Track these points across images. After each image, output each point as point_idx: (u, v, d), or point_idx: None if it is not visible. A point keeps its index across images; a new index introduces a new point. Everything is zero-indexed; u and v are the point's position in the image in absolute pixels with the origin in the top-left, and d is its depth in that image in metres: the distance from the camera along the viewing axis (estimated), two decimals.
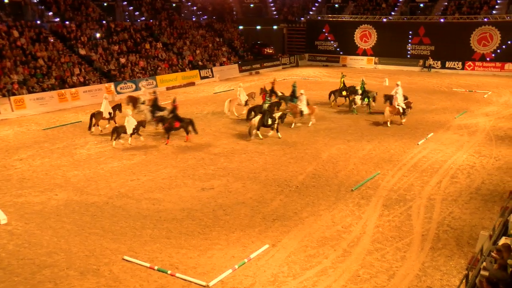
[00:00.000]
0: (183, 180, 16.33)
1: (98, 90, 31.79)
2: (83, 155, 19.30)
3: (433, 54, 46.93)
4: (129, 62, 36.34)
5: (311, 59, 54.54)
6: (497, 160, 18.30)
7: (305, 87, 36.52)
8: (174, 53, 40.83)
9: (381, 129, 23.14)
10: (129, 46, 38.19)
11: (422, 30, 47.80)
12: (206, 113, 27.25)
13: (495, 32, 44.23)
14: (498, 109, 27.88)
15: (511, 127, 23.55)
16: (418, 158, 18.58)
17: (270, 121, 21.35)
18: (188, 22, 47.23)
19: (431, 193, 14.93)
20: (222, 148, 20.16)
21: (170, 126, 21.13)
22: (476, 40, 45.18)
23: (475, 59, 45.28)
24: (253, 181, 16.12)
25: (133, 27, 40.89)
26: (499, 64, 43.93)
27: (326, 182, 15.98)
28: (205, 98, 32.46)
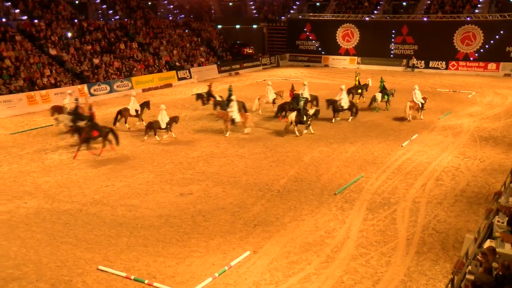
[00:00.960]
0: (161, 185, 16.22)
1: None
2: (54, 161, 19.03)
3: (416, 54, 47.59)
4: (103, 62, 36.00)
5: (292, 59, 54.81)
6: (481, 161, 18.62)
7: (287, 88, 36.70)
8: (150, 53, 40.60)
9: (364, 131, 23.34)
10: (103, 46, 37.84)
11: (405, 29, 48.44)
12: (184, 115, 27.13)
13: (478, 32, 45.07)
14: (482, 110, 28.39)
15: (495, 127, 24.00)
16: (402, 160, 18.79)
17: (305, 117, 22.51)
18: (164, 21, 47.02)
19: (416, 196, 15.11)
20: (201, 151, 20.09)
21: (88, 136, 19.46)
22: (459, 39, 45.97)
23: (459, 59, 46.06)
24: (233, 186, 16.09)
25: (107, 26, 40.54)
26: (483, 64, 44.79)
27: (309, 186, 16.05)
28: (183, 100, 32.35)
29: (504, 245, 9.52)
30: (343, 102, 24.96)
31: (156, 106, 25.24)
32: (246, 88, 37.23)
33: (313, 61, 53.44)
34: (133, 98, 24.36)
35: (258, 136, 22.57)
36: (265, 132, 23.27)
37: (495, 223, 10.68)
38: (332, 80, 39.99)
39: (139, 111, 24.35)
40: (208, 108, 28.21)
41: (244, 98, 32.06)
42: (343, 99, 25.02)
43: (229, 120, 22.51)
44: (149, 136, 21.92)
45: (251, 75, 45.52)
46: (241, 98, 31.54)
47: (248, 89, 36.65)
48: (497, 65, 44.04)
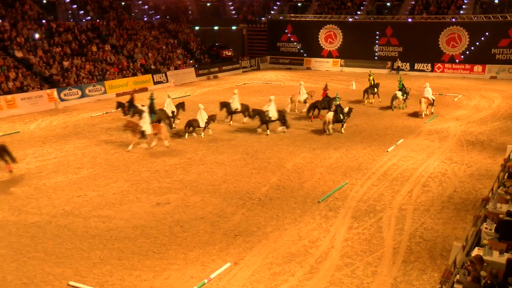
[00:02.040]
0: (136, 194, 16.09)
1: (39, 97, 30.98)
2: (21, 170, 18.73)
3: (401, 56, 48.19)
4: (73, 66, 35.63)
5: (273, 61, 55.05)
6: (468, 166, 18.89)
7: (267, 92, 36.80)
8: (124, 56, 40.36)
9: (349, 136, 23.51)
10: (74, 48, 37.47)
11: (390, 30, 49.06)
12: (160, 121, 26.95)
13: (463, 33, 45.88)
14: (468, 113, 28.84)
15: (482, 131, 24.39)
16: (388, 166, 18.96)
17: (341, 116, 23.89)
18: (139, 23, 46.83)
19: (402, 203, 15.25)
20: (179, 159, 20.00)
21: None
22: (444, 41, 46.72)
23: (444, 61, 46.80)
24: (212, 194, 16.04)
25: (78, 27, 40.17)
26: (468, 66, 45.58)
27: (291, 194, 16.08)
28: (159, 105, 32.09)
29: (492, 253, 9.65)
30: (270, 113, 23.82)
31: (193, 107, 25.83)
32: (225, 92, 37.20)
33: (295, 63, 53.75)
34: (168, 99, 25.43)
35: (238, 142, 22.57)
36: (245, 137, 23.28)
37: (483, 230, 10.84)
38: (314, 83, 40.17)
39: (175, 112, 25.47)
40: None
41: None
42: (271, 110, 23.90)
43: (139, 132, 21.08)
44: (189, 134, 23.27)
45: (231, 78, 45.55)
46: None
47: (227, 93, 36.60)
48: (483, 68, 44.86)
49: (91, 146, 21.92)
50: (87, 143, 22.46)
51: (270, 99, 24.41)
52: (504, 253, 9.67)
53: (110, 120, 27.16)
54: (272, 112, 23.90)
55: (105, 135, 24.00)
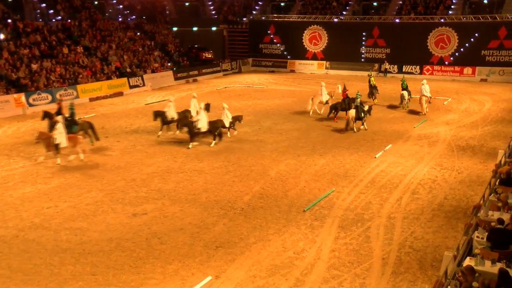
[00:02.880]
0: (111, 205, 15.96)
1: (5, 102, 30.56)
2: None
3: (388, 58, 48.68)
4: (43, 68, 35.30)
5: (255, 64, 55.18)
6: (459, 172, 19.11)
7: (249, 96, 36.88)
8: (98, 58, 40.11)
9: (335, 142, 23.63)
10: (43, 50, 37.12)
11: (377, 31, 49.54)
12: (137, 127, 26.87)
13: (452, 34, 46.54)
14: (458, 117, 29.21)
15: (473, 136, 24.71)
16: (375, 172, 19.09)
17: (362, 114, 25.39)
18: (113, 23, 46.62)
19: (391, 211, 15.35)
20: (156, 166, 19.90)
21: None
22: (433, 42, 47.32)
23: (433, 63, 47.37)
24: (192, 204, 15.98)
25: (47, 28, 39.81)
26: (458, 68, 46.21)
27: (275, 203, 16.08)
28: (136, 110, 32.04)
29: (484, 263, 9.73)
30: (199, 124, 22.68)
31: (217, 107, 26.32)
32: (206, 96, 37.15)
33: (278, 66, 53.94)
34: (194, 100, 26.20)
35: (219, 149, 22.53)
36: (227, 144, 23.25)
37: (475, 239, 10.94)
38: (298, 87, 40.39)
39: None
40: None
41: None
42: (201, 120, 22.80)
43: (53, 145, 20.22)
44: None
45: (211, 82, 45.53)
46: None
47: (208, 97, 36.57)
48: (473, 70, 45.52)
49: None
50: None
51: (201, 107, 23.42)
52: (496, 262, 9.75)
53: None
54: (202, 123, 22.65)
55: None
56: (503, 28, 44.27)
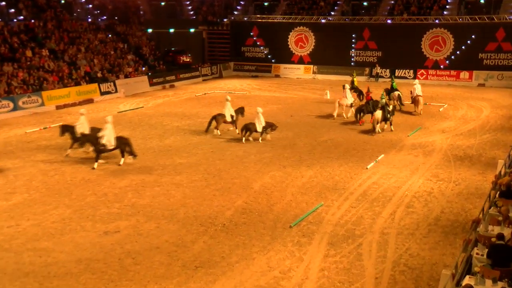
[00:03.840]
0: (80, 222, 15.80)
1: None
2: None
3: (380, 61, 49.08)
4: (3, 73, 34.96)
5: (237, 68, 55.27)
6: (456, 184, 19.27)
7: (231, 103, 36.86)
8: (66, 62, 39.89)
9: (323, 152, 23.70)
10: (3, 53, 36.78)
11: (367, 33, 49.98)
12: None
13: (447, 36, 47.14)
14: (455, 125, 29.52)
15: (470, 145, 24.97)
16: (367, 185, 19.17)
17: (388, 115, 27.11)
18: (82, 24, 46.43)
19: (384, 227, 15.40)
20: (130, 180, 19.78)
21: None
22: (427, 44, 47.88)
23: (428, 67, 47.90)
24: (169, 220, 15.90)
25: (8, 29, 39.49)
26: (454, 72, 46.74)
27: (259, 218, 16.06)
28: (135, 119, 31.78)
29: (484, 282, 9.78)
30: (104, 140, 21.21)
31: None
32: (184, 103, 37.16)
33: (262, 70, 54.09)
34: (228, 103, 27.05)
35: (198, 160, 22.48)
36: (207, 155, 23.20)
37: (474, 255, 11.01)
38: (284, 93, 40.54)
39: (235, 117, 27.14)
40: (137, 129, 27.91)
41: (181, 115, 32.03)
42: (106, 136, 21.25)
43: None
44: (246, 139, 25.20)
45: (189, 88, 45.50)
46: (177, 115, 31.53)
47: (186, 104, 36.61)
48: (470, 74, 46.10)
49: (26, 167, 21.46)
50: (21, 164, 21.98)
51: (107, 120, 21.57)
52: (497, 281, 9.81)
53: (49, 137, 26.67)
54: (108, 138, 21.23)
55: (43, 154, 23.54)
56: (501, 30, 44.98)
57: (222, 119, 26.74)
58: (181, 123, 29.72)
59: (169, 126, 29.11)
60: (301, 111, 33.48)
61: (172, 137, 26.38)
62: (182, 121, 30.28)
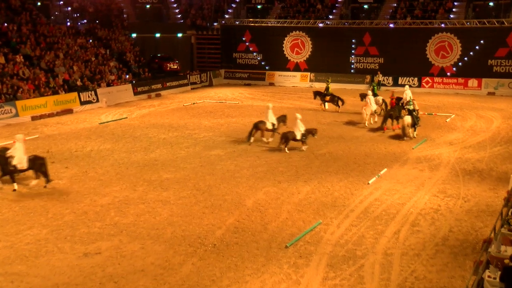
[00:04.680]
0: (57, 244, 15.70)
1: None
2: None
3: (382, 68, 49.25)
4: None
5: (228, 76, 55.44)
6: (465, 201, 19.29)
7: (222, 113, 36.94)
8: (42, 69, 39.83)
9: (321, 165, 23.71)
10: None
11: (368, 38, 50.25)
12: (90, 150, 26.64)
13: (454, 41, 47.44)
14: (463, 137, 29.61)
15: (480, 158, 25.04)
16: (369, 201, 19.16)
17: (416, 120, 28.62)
18: (60, 28, 46.44)
19: (388, 247, 15.38)
20: (112, 196, 19.70)
21: None
22: (433, 50, 48.17)
23: (434, 74, 48.16)
24: (155, 241, 15.82)
25: None
26: (462, 80, 47.03)
27: (253, 238, 16.01)
28: (88, 130, 31.80)
29: None
30: (15, 160, 20.48)
31: None
32: (171, 114, 37.15)
33: (255, 78, 54.29)
34: (270, 111, 27.82)
35: (187, 174, 22.43)
36: (196, 169, 23.16)
37: (486, 279, 10.97)
38: (279, 102, 40.60)
39: (276, 125, 27.86)
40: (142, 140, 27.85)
41: (168, 126, 32.00)
42: (17, 156, 20.52)
43: None
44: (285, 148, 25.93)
45: (177, 97, 45.54)
46: (164, 127, 31.51)
47: (173, 115, 36.61)
48: (478, 82, 46.40)
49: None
50: None
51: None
52: None
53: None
54: (19, 158, 20.52)
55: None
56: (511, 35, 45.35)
57: (264, 126, 27.61)
58: (168, 135, 29.69)
59: (155, 138, 29.07)
60: None
61: (158, 150, 26.33)
62: (169, 133, 30.26)
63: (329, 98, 37.58)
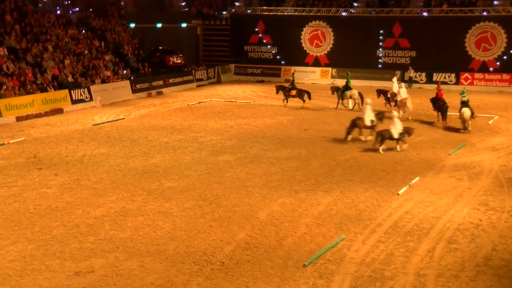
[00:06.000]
0: (45, 261, 15.76)
1: None
2: None
3: (414, 63, 49.10)
4: None
5: (239, 72, 55.47)
6: (511, 215, 19.16)
7: (232, 114, 36.96)
8: (29, 64, 40.07)
9: (344, 173, 23.66)
10: None
11: (398, 29, 50.10)
12: (82, 155, 26.76)
13: (498, 32, 47.18)
14: (508, 141, 29.44)
15: None
16: (399, 214, 19.08)
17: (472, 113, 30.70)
18: (49, 17, 46.71)
19: (421, 267, 15.30)
20: (108, 207, 19.76)
21: None
22: (473, 42, 47.94)
23: (474, 70, 47.89)
24: (155, 258, 15.86)
25: None
26: (507, 76, 46.70)
27: (266, 255, 16.00)
28: (80, 132, 31.94)
29: None
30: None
31: None
32: (174, 114, 37.22)
33: (269, 74, 54.26)
34: (368, 107, 29.52)
35: (191, 183, 22.45)
36: (202, 176, 23.19)
37: None
38: (296, 102, 40.53)
39: (374, 121, 29.17)
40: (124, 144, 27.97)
41: (170, 128, 32.08)
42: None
43: None
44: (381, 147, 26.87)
45: (181, 95, 45.66)
46: (166, 129, 31.60)
47: (176, 115, 36.68)
48: None
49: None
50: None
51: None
52: None
53: (7, 155, 26.77)
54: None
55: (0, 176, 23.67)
56: None
57: (362, 123, 28.86)
58: (170, 139, 29.78)
59: (156, 142, 29.16)
60: (317, 124, 33.54)
61: (159, 156, 26.40)
62: (171, 136, 30.34)
63: (295, 92, 39.27)
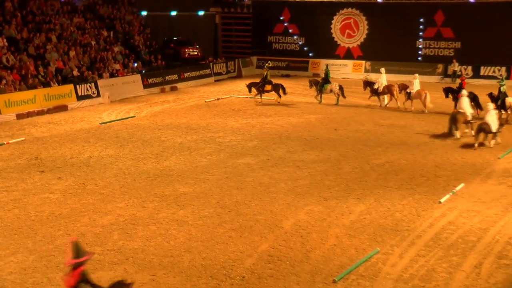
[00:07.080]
0: (47, 273, 15.88)
1: None
2: None
3: (459, 55, 48.77)
4: None
5: (261, 65, 55.22)
6: None
7: (253, 112, 36.93)
8: (30, 55, 40.35)
9: (378, 179, 23.57)
10: None
11: (441, 17, 49.82)
12: (88, 157, 26.91)
13: None
14: None
15: None
16: (441, 225, 18.99)
17: None
18: (53, 5, 46.92)
19: (466, 284, 15.21)
20: (116, 215, 19.85)
21: None
22: None
23: None
24: (169, 271, 15.91)
25: None
26: None
27: (292, 269, 16.00)
28: (86, 131, 32.12)
29: None
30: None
31: None
32: (189, 112, 37.30)
33: (295, 68, 54.22)
34: (466, 99, 30.71)
35: (208, 188, 22.48)
36: (220, 181, 23.21)
37: None
38: (325, 99, 40.48)
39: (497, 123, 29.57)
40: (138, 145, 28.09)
41: (185, 127, 32.15)
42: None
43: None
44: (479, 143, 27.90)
45: (197, 91, 45.76)
46: (181, 128, 31.67)
47: (192, 113, 36.75)
48: None
49: None
50: None
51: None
52: None
53: (6, 156, 26.99)
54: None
55: None
56: None
57: (462, 117, 29.54)
58: (185, 139, 29.85)
59: (169, 142, 29.25)
60: (349, 123, 33.47)
61: (173, 158, 26.49)
62: (187, 136, 30.41)
63: (270, 87, 39.88)
